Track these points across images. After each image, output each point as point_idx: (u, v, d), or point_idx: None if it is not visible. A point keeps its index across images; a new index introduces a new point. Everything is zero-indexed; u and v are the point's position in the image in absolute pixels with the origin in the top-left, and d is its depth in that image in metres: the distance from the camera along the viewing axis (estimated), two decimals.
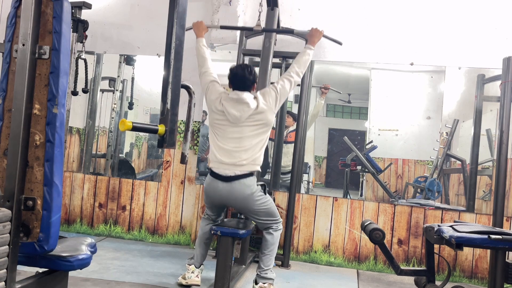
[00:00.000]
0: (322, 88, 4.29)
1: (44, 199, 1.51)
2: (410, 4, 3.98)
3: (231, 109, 2.78)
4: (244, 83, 2.83)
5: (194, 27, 3.26)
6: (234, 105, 2.78)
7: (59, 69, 1.53)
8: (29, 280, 1.60)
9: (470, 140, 3.92)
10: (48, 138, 1.52)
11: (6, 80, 1.56)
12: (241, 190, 2.76)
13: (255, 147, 2.81)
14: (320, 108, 4.33)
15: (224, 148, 2.81)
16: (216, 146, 2.85)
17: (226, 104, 2.80)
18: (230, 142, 2.81)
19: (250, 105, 2.76)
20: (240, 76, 2.83)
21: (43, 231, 1.51)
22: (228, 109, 2.78)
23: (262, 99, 2.83)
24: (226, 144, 2.81)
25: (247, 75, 2.82)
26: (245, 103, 2.76)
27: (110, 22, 4.53)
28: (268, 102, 2.83)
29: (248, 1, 4.24)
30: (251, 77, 2.84)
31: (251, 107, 2.76)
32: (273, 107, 2.86)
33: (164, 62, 1.68)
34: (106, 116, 4.66)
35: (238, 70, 2.86)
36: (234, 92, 2.83)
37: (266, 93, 2.88)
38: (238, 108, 2.77)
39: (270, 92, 2.88)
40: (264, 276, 2.87)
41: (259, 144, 2.83)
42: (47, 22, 1.54)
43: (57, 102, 1.52)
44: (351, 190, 4.47)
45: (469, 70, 3.91)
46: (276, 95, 2.87)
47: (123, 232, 4.37)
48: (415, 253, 3.82)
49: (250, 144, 2.79)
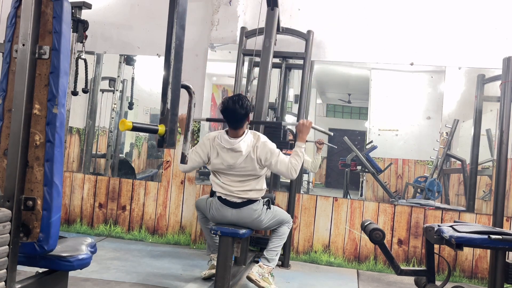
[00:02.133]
0: (316, 143, 4.33)
1: (44, 199, 1.51)
2: (410, 4, 3.98)
3: (225, 156, 2.87)
4: (235, 117, 2.84)
5: None
6: (227, 152, 2.87)
7: (59, 69, 1.53)
8: (29, 280, 1.60)
9: (470, 140, 3.91)
10: (48, 138, 1.52)
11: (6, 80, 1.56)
12: (249, 214, 2.89)
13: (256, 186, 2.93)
14: (318, 165, 4.39)
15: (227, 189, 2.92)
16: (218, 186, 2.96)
17: (221, 153, 2.89)
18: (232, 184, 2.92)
19: (243, 153, 2.84)
20: (231, 111, 2.83)
21: (43, 231, 1.51)
22: (222, 156, 2.88)
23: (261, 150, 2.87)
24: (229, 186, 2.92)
25: (239, 109, 2.81)
26: (238, 151, 2.84)
27: (110, 22, 4.53)
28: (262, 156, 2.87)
29: (248, 1, 4.24)
30: (242, 111, 2.82)
31: (244, 154, 2.84)
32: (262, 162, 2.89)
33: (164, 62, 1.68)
34: (106, 116, 4.66)
35: (229, 104, 2.83)
36: (226, 140, 2.86)
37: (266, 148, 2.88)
38: (231, 155, 2.86)
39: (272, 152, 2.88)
40: (267, 257, 3.02)
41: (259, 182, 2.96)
42: (47, 22, 1.54)
43: (57, 102, 1.52)
44: (351, 190, 4.46)
45: (469, 70, 3.90)
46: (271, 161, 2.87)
47: (123, 232, 4.37)
48: (415, 253, 3.82)
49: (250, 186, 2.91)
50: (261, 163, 2.89)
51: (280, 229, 3.08)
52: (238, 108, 2.80)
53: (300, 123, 3.05)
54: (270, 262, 3.04)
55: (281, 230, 3.08)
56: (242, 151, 2.82)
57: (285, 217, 3.09)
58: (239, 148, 2.81)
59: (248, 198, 2.89)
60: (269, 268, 3.03)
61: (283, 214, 3.10)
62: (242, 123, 2.86)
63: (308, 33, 3.91)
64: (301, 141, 3.01)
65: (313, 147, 4.37)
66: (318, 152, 4.35)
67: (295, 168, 2.90)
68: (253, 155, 2.86)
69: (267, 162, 2.88)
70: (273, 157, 2.87)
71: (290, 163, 2.90)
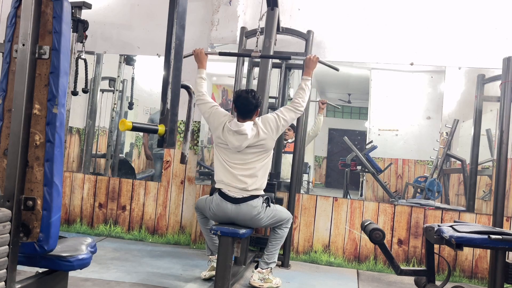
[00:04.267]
0: (319, 102, 4.32)
1: (44, 199, 1.51)
2: (410, 4, 3.98)
3: (231, 138, 2.92)
4: (247, 106, 2.95)
5: (196, 56, 3.32)
6: (233, 135, 2.91)
7: (59, 69, 1.53)
8: (29, 280, 1.60)
9: (470, 140, 3.91)
10: (48, 138, 1.52)
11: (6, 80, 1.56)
12: (248, 211, 2.90)
13: (259, 172, 2.95)
14: (321, 126, 4.37)
15: (230, 172, 2.94)
16: (222, 168, 2.98)
17: (227, 135, 2.94)
18: (235, 167, 2.95)
19: (248, 136, 2.89)
20: (243, 99, 2.95)
21: (43, 231, 1.51)
22: (228, 139, 2.93)
23: (263, 127, 2.95)
24: (232, 169, 2.95)
25: (251, 99, 2.94)
26: (244, 134, 2.89)
27: (110, 22, 4.53)
28: (268, 130, 2.95)
29: (248, 1, 4.24)
30: (254, 101, 2.95)
31: (249, 138, 2.89)
32: (273, 134, 2.98)
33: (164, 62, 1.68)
34: (106, 116, 4.66)
35: (242, 93, 2.99)
36: (235, 123, 2.93)
37: (267, 121, 2.98)
38: (237, 138, 2.91)
39: (271, 119, 2.98)
40: (266, 261, 3.08)
41: (262, 169, 2.98)
42: (47, 22, 1.54)
43: (57, 102, 1.52)
44: (351, 190, 4.46)
45: (469, 70, 3.90)
46: (278, 124, 2.98)
47: (123, 232, 4.37)
48: (415, 253, 3.82)
49: (254, 169, 2.94)
50: (271, 129, 2.94)
51: (278, 231, 3.09)
52: (251, 98, 2.94)
53: (308, 58, 3.18)
54: (269, 264, 3.09)
55: (280, 232, 3.10)
56: (247, 134, 2.88)
57: (285, 216, 3.10)
58: (245, 131, 2.88)
59: (249, 194, 2.90)
60: (269, 269, 3.08)
61: (283, 213, 3.10)
62: (252, 114, 2.98)
63: (308, 33, 3.91)
64: (307, 75, 3.14)
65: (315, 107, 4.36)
66: (320, 113, 4.35)
67: (301, 103, 3.03)
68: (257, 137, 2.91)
69: (278, 122, 2.96)
70: (277, 115, 2.98)
71: (295, 101, 3.04)
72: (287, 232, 3.15)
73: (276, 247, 3.12)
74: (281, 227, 3.10)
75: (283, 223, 3.09)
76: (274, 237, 3.10)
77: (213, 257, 3.15)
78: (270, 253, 3.10)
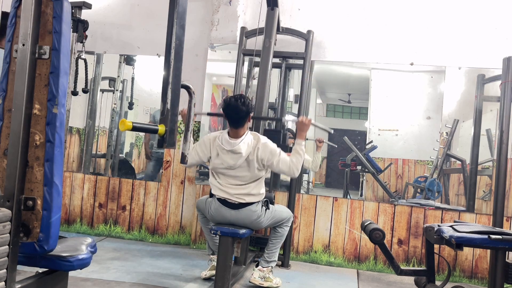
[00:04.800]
0: (316, 141, 4.33)
1: (44, 199, 1.51)
2: (410, 4, 3.98)
3: (226, 158, 2.87)
4: (237, 115, 2.84)
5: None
6: (228, 154, 2.86)
7: (59, 69, 1.53)
8: (29, 280, 1.60)
9: (470, 140, 3.91)
10: (48, 138, 1.52)
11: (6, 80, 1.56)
12: (248, 216, 2.89)
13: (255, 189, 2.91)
14: (319, 163, 4.38)
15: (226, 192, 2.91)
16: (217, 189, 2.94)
17: (222, 155, 2.88)
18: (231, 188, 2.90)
19: (243, 154, 2.83)
20: (233, 107, 2.84)
21: (43, 231, 1.51)
22: (223, 158, 2.88)
23: (262, 151, 2.87)
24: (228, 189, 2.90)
25: (240, 106, 2.82)
26: (238, 153, 2.83)
27: (110, 22, 4.53)
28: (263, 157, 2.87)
29: (248, 1, 4.24)
30: (244, 108, 2.83)
31: (244, 155, 2.84)
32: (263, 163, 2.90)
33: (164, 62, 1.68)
34: (106, 116, 4.66)
35: (231, 101, 2.86)
36: (227, 142, 2.86)
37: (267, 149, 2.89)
38: (232, 157, 2.86)
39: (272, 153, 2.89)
40: (266, 259, 3.08)
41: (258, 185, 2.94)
42: (47, 22, 1.54)
43: (57, 102, 1.52)
44: (351, 190, 4.46)
45: (469, 70, 3.90)
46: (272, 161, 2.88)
47: (123, 232, 4.36)
48: (415, 253, 3.82)
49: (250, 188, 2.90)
50: (262, 164, 2.89)
51: (279, 229, 3.09)
52: (240, 105, 2.82)
53: (299, 120, 3.04)
54: (270, 263, 3.10)
55: (281, 231, 3.10)
56: (242, 152, 2.82)
57: (285, 216, 3.10)
58: (239, 150, 2.82)
59: (245, 201, 2.89)
60: (269, 268, 3.08)
61: (283, 212, 3.10)
62: (243, 122, 2.87)
63: (308, 33, 3.91)
64: (300, 138, 3.01)
65: (313, 145, 4.37)
66: (318, 151, 4.35)
67: (296, 167, 2.91)
68: (253, 156, 2.86)
69: (268, 163, 2.89)
70: (274, 157, 2.88)
71: (291, 162, 2.91)
72: (287, 231, 3.15)
73: (277, 246, 3.12)
74: (282, 226, 3.10)
75: (283, 222, 3.09)
76: (274, 236, 3.10)
77: (214, 257, 3.15)
78: (270, 251, 3.10)
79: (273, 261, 3.11)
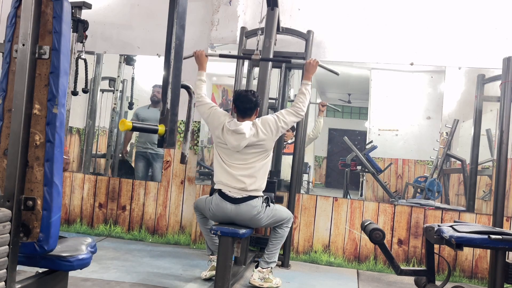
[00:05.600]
0: (319, 105, 4.32)
1: (44, 199, 1.51)
2: (410, 4, 3.98)
3: (230, 138, 2.92)
4: (246, 103, 2.96)
5: (196, 58, 3.32)
6: (232, 134, 2.91)
7: (59, 69, 1.53)
8: (29, 280, 1.60)
9: (470, 140, 3.91)
10: (48, 138, 1.52)
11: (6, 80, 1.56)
12: (248, 211, 2.90)
13: (258, 173, 2.95)
14: (321, 128, 4.37)
15: (229, 173, 2.94)
16: (221, 168, 2.98)
17: (226, 135, 2.94)
18: (234, 166, 2.95)
19: (246, 135, 2.88)
20: (243, 97, 2.97)
21: (43, 231, 1.51)
22: (227, 138, 2.93)
23: (262, 127, 2.95)
24: (231, 169, 2.94)
25: (250, 96, 2.97)
26: (241, 133, 2.88)
27: (110, 22, 4.53)
28: (268, 131, 2.95)
29: (248, 1, 4.24)
30: (254, 98, 2.97)
31: (247, 137, 2.89)
32: (273, 136, 2.98)
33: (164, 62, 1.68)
34: (106, 116, 4.66)
35: (242, 91, 3.03)
36: (234, 123, 2.94)
37: (266, 122, 2.98)
38: (235, 138, 2.91)
39: (271, 121, 2.99)
40: (266, 260, 3.09)
41: (262, 169, 2.97)
42: (47, 22, 1.54)
43: (57, 102, 1.52)
44: (351, 190, 4.46)
45: (469, 70, 3.90)
46: (277, 125, 2.98)
47: (123, 232, 4.37)
48: (415, 253, 3.82)
49: (253, 169, 2.94)
50: (270, 130, 2.94)
51: (279, 230, 3.10)
52: (250, 95, 2.97)
53: (307, 62, 3.17)
54: (269, 264, 3.10)
55: (281, 232, 3.10)
56: (245, 133, 2.87)
57: (285, 216, 3.10)
58: (242, 130, 2.87)
59: (248, 194, 2.90)
60: (269, 269, 3.08)
61: (283, 212, 3.10)
62: (251, 113, 2.99)
63: (308, 33, 3.91)
64: (307, 79, 3.13)
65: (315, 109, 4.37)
66: (320, 115, 4.36)
67: (302, 108, 3.05)
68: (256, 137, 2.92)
69: (278, 123, 2.96)
70: (278, 117, 2.99)
71: (295, 106, 3.04)
72: (287, 232, 3.15)
73: (277, 247, 3.12)
74: (282, 227, 3.10)
75: (283, 223, 3.09)
76: (274, 237, 3.11)
77: (214, 257, 3.16)
78: (270, 252, 3.10)
79: (273, 261, 3.11)
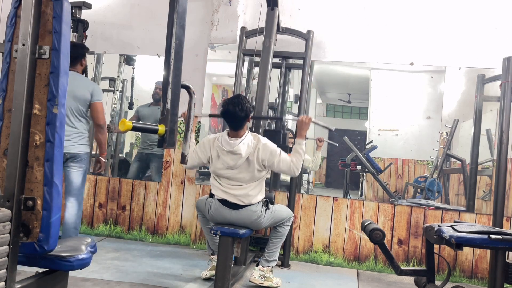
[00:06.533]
0: (317, 140, 4.32)
1: (44, 199, 1.51)
2: (410, 4, 3.98)
3: (226, 158, 2.87)
4: (235, 120, 2.85)
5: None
6: (228, 155, 2.87)
7: (59, 69, 1.53)
8: (29, 280, 1.60)
9: (470, 140, 3.91)
10: (48, 138, 1.52)
11: (6, 80, 1.56)
12: (248, 216, 2.89)
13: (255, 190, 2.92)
14: (319, 163, 4.36)
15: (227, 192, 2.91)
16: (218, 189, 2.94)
17: (222, 156, 2.89)
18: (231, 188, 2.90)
19: (242, 155, 2.83)
20: (231, 113, 2.84)
21: (43, 231, 1.51)
22: (223, 159, 2.88)
23: (262, 152, 2.88)
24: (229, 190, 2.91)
25: (238, 112, 2.82)
26: (238, 154, 2.84)
27: (110, 22, 4.53)
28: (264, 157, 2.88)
29: (248, 1, 4.24)
30: (242, 113, 2.83)
31: (243, 156, 2.84)
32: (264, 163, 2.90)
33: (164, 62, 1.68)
34: (106, 116, 4.65)
35: (229, 108, 2.84)
36: (226, 142, 2.87)
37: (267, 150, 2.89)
38: (232, 158, 2.87)
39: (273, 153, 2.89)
40: (267, 259, 3.09)
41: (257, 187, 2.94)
42: (47, 22, 1.54)
43: (57, 102, 1.52)
44: (351, 190, 4.46)
45: (469, 70, 3.90)
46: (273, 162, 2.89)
47: (123, 232, 4.36)
48: (415, 253, 3.82)
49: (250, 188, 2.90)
50: (262, 164, 2.90)
51: (280, 229, 3.09)
52: (238, 111, 2.82)
53: (299, 119, 3.05)
54: (270, 262, 3.10)
55: (281, 230, 3.10)
56: (241, 153, 2.83)
57: (285, 215, 3.10)
58: (239, 151, 2.83)
59: (246, 202, 2.90)
60: (269, 268, 3.07)
61: (283, 212, 3.10)
62: (242, 124, 2.89)
63: (308, 33, 3.91)
64: (300, 138, 3.01)
65: (313, 144, 4.37)
66: (318, 150, 4.35)
67: (296, 166, 2.92)
68: (253, 157, 2.87)
69: (269, 163, 2.90)
70: (275, 158, 2.89)
71: (292, 161, 2.92)
72: (288, 230, 3.16)
73: (277, 245, 3.12)
74: (282, 225, 3.10)
75: (284, 222, 3.10)
76: (275, 235, 3.11)
77: (214, 257, 3.16)
78: (271, 251, 3.10)
79: (273, 260, 3.11)
